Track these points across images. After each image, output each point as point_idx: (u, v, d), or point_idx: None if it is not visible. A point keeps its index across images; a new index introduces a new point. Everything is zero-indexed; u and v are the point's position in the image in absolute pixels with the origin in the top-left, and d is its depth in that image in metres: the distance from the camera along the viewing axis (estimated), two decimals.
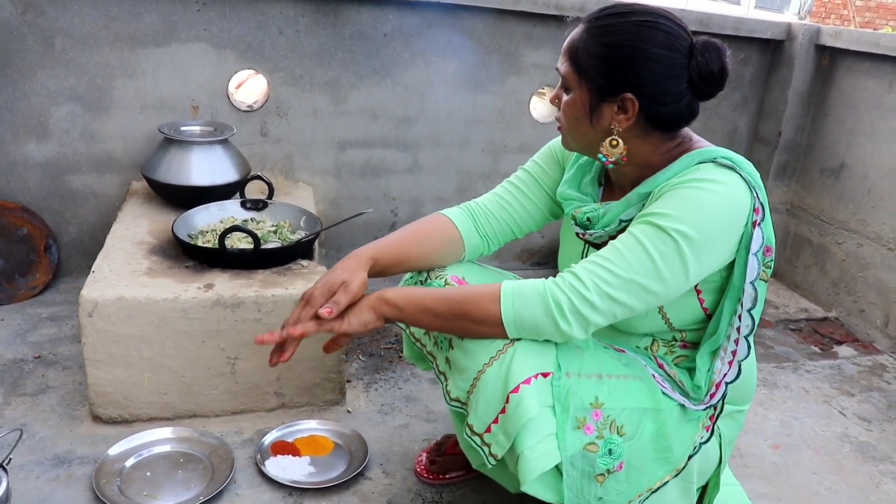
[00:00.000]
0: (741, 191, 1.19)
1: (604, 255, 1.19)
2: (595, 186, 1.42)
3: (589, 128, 1.27)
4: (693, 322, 1.32)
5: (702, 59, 1.20)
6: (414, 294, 1.30)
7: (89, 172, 2.50)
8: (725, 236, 1.20)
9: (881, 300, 2.72)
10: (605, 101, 1.24)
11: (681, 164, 1.24)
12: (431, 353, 1.46)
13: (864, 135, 2.82)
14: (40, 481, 1.59)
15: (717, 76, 1.21)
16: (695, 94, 1.23)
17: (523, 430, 1.16)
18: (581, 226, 1.37)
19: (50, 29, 2.31)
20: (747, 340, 1.29)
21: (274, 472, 1.65)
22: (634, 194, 1.27)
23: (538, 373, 1.18)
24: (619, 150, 1.26)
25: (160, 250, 1.94)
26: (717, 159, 1.22)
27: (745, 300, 1.26)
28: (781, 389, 2.30)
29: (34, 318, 2.31)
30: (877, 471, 1.92)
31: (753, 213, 1.21)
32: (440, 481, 1.69)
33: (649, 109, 1.22)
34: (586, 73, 1.24)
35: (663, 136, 1.27)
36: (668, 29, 1.20)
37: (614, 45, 1.21)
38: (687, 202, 1.17)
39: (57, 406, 1.86)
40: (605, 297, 1.17)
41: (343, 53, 2.58)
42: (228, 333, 1.76)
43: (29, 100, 2.37)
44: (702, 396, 1.31)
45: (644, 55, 1.19)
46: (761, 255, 1.24)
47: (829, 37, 2.91)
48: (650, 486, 1.27)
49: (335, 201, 2.77)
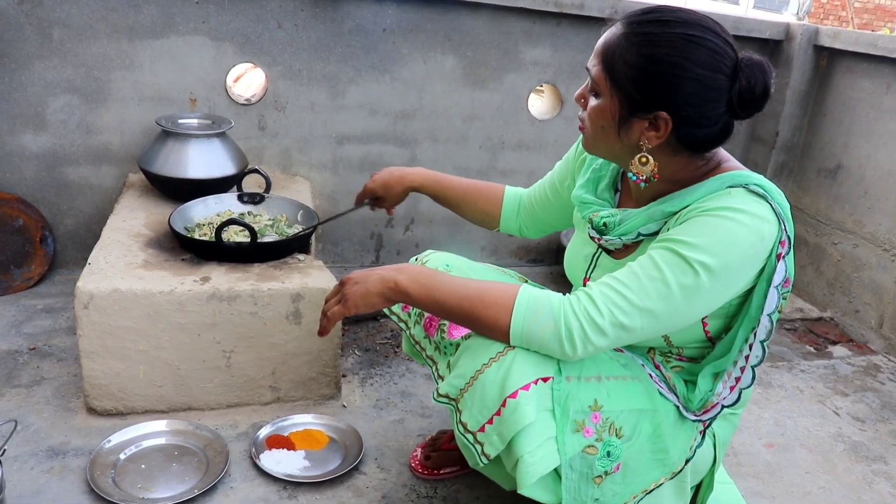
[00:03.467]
0: (770, 222, 1.14)
1: (621, 279, 1.15)
2: (611, 192, 1.38)
3: (616, 139, 1.20)
4: (692, 341, 1.30)
5: (745, 83, 1.12)
6: (427, 282, 1.25)
7: (86, 164, 2.49)
8: (747, 269, 1.15)
9: (876, 301, 2.73)
10: (637, 116, 1.16)
11: (710, 186, 1.18)
12: (431, 357, 1.46)
13: (862, 136, 2.82)
14: (34, 473, 1.59)
15: (760, 99, 1.14)
16: (732, 115, 1.16)
17: (521, 435, 1.15)
18: (597, 230, 1.33)
19: (48, 19, 2.30)
20: (753, 370, 1.27)
21: (269, 466, 1.65)
22: (658, 210, 1.22)
23: (538, 378, 1.17)
24: (649, 168, 1.19)
25: (156, 243, 1.93)
26: (749, 186, 1.15)
27: (760, 331, 1.22)
28: (776, 389, 2.31)
29: (29, 309, 2.30)
30: (869, 470, 1.93)
31: (779, 246, 1.15)
32: (435, 476, 1.69)
33: (683, 130, 1.15)
34: (620, 83, 1.16)
35: (693, 156, 1.21)
36: (714, 47, 1.12)
37: (655, 59, 1.12)
38: (714, 232, 1.11)
39: (52, 398, 1.85)
40: (617, 325, 1.13)
41: (342, 48, 2.58)
42: (224, 327, 1.76)
43: (26, 90, 2.36)
44: (694, 409, 1.30)
45: (686, 74, 1.11)
46: (781, 289, 1.20)
47: (827, 37, 2.91)
48: (645, 488, 1.27)
49: (332, 196, 2.77)
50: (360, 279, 1.29)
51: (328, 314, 1.33)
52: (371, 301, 1.28)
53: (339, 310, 1.31)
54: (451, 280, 1.27)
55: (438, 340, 1.43)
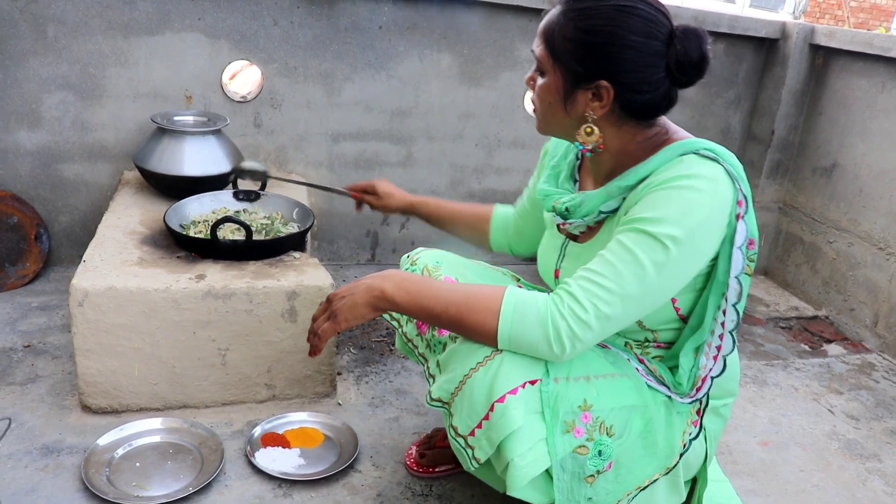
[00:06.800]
0: (724, 183, 1.16)
1: (596, 269, 1.15)
2: (571, 182, 1.41)
3: (563, 113, 1.24)
4: (664, 322, 1.30)
5: (681, 48, 1.16)
6: (413, 289, 1.25)
7: (81, 161, 2.49)
8: (711, 232, 1.17)
9: (871, 299, 2.73)
10: (580, 88, 1.20)
11: (662, 157, 1.21)
12: (423, 355, 1.46)
13: (857, 135, 2.83)
14: (28, 471, 1.58)
15: (697, 64, 1.17)
16: (673, 82, 1.20)
17: (510, 439, 1.15)
18: (561, 216, 1.35)
19: (42, 15, 2.29)
20: (731, 335, 1.28)
21: (264, 464, 1.65)
22: (615, 187, 1.25)
23: (525, 381, 1.17)
24: (594, 138, 1.24)
25: (152, 240, 1.93)
26: (700, 151, 1.19)
27: (730, 295, 1.24)
28: (771, 387, 2.31)
29: (24, 307, 2.30)
30: (864, 468, 1.93)
31: (737, 206, 1.18)
32: (430, 474, 1.69)
33: (625, 98, 1.19)
34: (561, 58, 1.20)
35: (640, 125, 1.24)
36: (647, 15, 1.16)
37: (591, 31, 1.17)
38: (674, 203, 1.14)
39: (46, 395, 1.85)
40: (601, 317, 1.14)
41: (338, 45, 2.57)
42: (219, 324, 1.76)
43: (20, 87, 2.35)
44: (686, 391, 1.31)
45: (621, 42, 1.16)
46: (745, 249, 1.22)
47: (823, 36, 2.91)
48: (639, 485, 1.27)
49: (328, 193, 2.76)
50: (347, 292, 1.29)
51: (318, 332, 1.30)
52: (360, 313, 1.27)
53: (329, 326, 1.29)
54: (436, 286, 1.27)
55: (430, 338, 1.43)
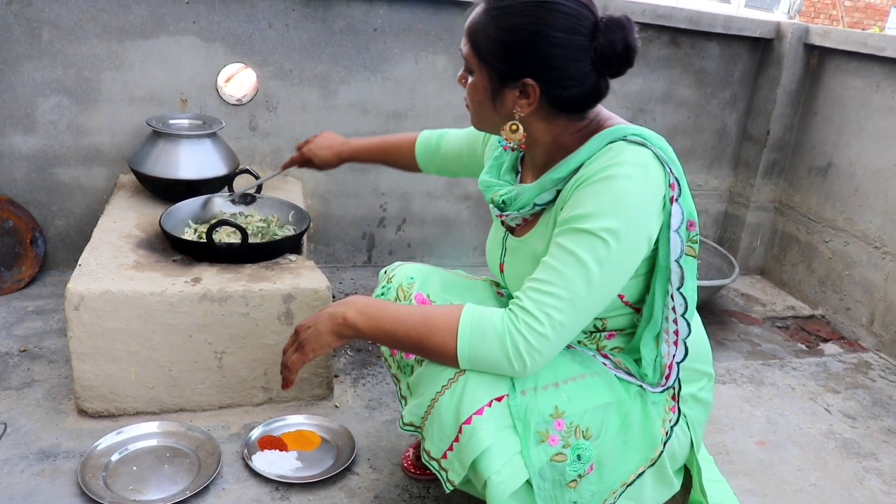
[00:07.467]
0: (653, 167, 1.16)
1: (542, 278, 1.15)
2: (512, 174, 1.40)
3: (493, 112, 1.23)
4: (610, 309, 1.29)
5: (605, 41, 1.14)
6: (374, 314, 1.24)
7: (76, 165, 2.48)
8: (648, 217, 1.16)
9: (867, 298, 2.74)
10: (507, 86, 1.19)
11: (592, 146, 1.20)
12: (395, 375, 1.48)
13: (852, 134, 2.83)
14: (25, 475, 1.58)
15: (622, 55, 1.15)
16: (600, 74, 1.18)
17: (483, 458, 1.15)
18: (498, 208, 1.36)
19: (37, 20, 2.29)
20: (685, 319, 1.28)
21: (261, 467, 1.64)
22: (548, 180, 1.24)
23: (492, 399, 1.17)
24: (518, 136, 1.22)
25: (147, 244, 1.93)
26: (627, 137, 1.18)
27: (673, 279, 1.23)
28: (768, 386, 2.32)
29: (20, 311, 2.29)
30: (861, 467, 1.94)
31: (669, 189, 1.17)
32: (427, 476, 1.69)
33: (552, 94, 1.18)
34: (485, 58, 1.18)
35: (571, 118, 1.23)
36: (568, 10, 1.13)
37: (512, 29, 1.15)
38: (605, 194, 1.13)
39: (42, 400, 1.84)
40: (556, 326, 1.13)
41: (333, 48, 2.58)
42: (216, 328, 1.75)
43: (15, 91, 2.35)
44: (654, 381, 1.31)
45: (543, 39, 1.13)
46: (684, 231, 1.21)
47: (818, 36, 2.92)
48: (624, 481, 1.26)
49: (324, 196, 2.76)
50: (311, 322, 1.28)
51: (287, 365, 1.31)
52: (325, 341, 1.26)
53: (297, 358, 1.29)
54: (397, 309, 1.26)
55: (399, 360, 1.44)
